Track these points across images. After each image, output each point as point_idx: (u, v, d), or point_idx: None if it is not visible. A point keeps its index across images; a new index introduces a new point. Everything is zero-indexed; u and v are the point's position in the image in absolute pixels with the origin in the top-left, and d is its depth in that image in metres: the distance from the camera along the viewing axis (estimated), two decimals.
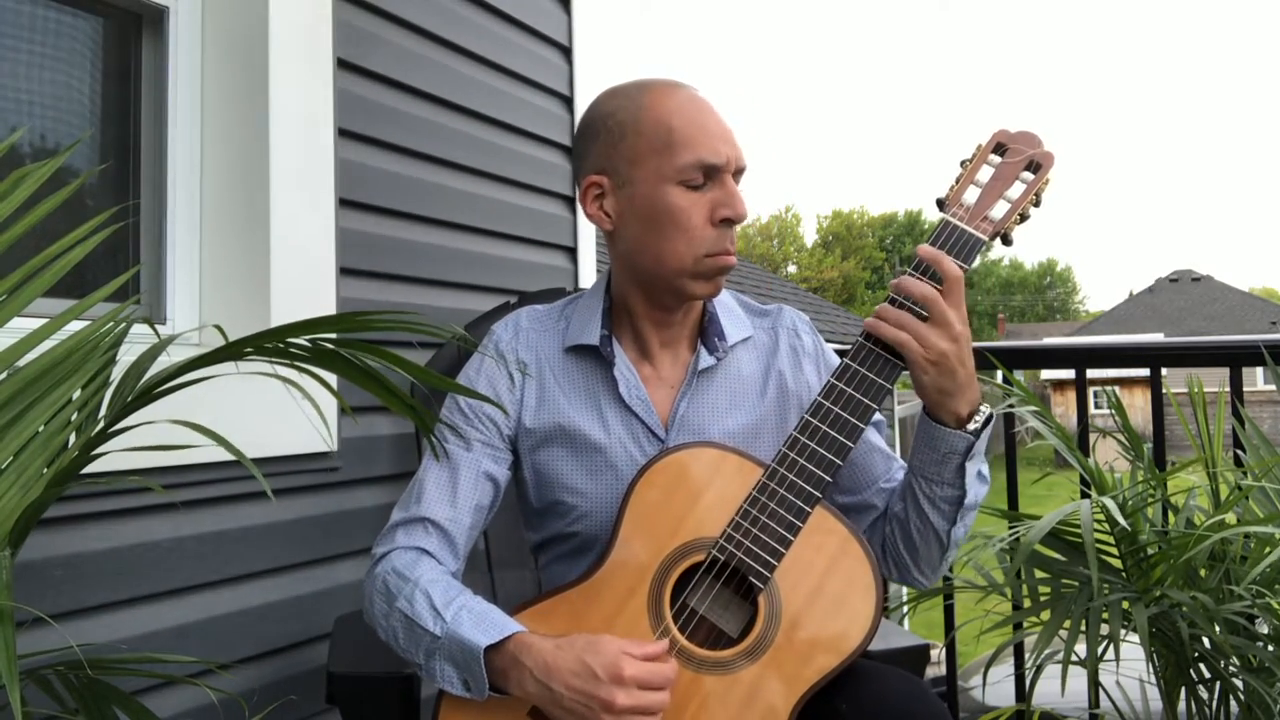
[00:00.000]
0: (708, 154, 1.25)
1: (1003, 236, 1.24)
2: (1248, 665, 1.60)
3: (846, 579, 1.18)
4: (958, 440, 1.22)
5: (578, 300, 1.42)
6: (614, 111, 1.30)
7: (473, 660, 1.12)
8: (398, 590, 1.21)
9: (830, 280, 58.63)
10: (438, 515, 1.28)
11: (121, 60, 1.79)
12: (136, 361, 1.07)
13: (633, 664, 1.09)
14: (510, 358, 1.36)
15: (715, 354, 1.35)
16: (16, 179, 1.09)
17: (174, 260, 1.77)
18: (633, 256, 1.32)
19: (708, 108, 1.29)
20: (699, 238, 1.26)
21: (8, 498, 0.95)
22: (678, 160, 1.25)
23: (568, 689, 1.09)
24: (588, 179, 1.32)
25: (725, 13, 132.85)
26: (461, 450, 1.32)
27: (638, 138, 1.27)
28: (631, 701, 1.07)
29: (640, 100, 1.29)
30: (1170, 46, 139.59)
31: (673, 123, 1.26)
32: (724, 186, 1.27)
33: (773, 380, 1.37)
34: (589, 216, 1.33)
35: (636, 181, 1.28)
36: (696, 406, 1.33)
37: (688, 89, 1.31)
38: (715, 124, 1.28)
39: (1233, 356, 2.12)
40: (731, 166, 1.27)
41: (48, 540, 1.40)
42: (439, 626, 1.16)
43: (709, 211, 1.26)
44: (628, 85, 1.33)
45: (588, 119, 1.34)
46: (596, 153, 1.31)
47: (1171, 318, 34.21)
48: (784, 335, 1.41)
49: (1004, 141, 1.28)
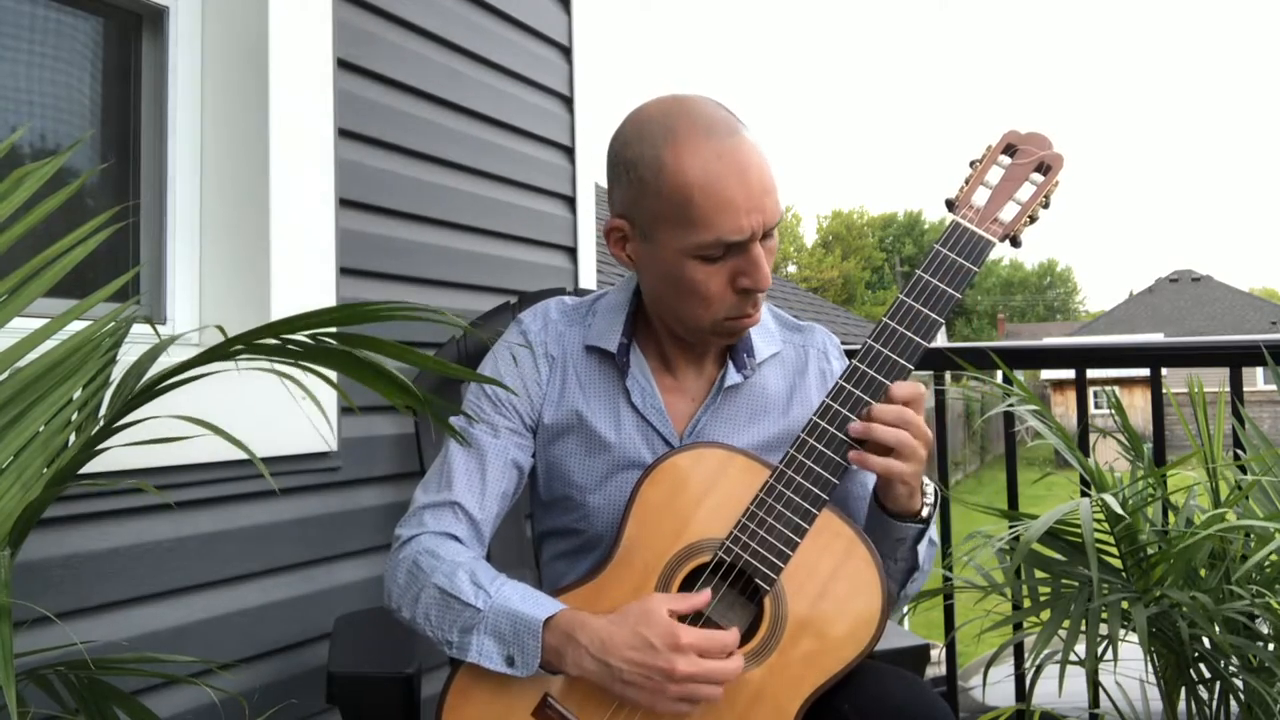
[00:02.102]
0: (729, 233, 1.17)
1: (1012, 239, 1.24)
2: (1248, 665, 1.59)
3: (852, 581, 1.18)
4: (911, 529, 1.23)
5: (606, 297, 1.39)
6: (635, 162, 1.21)
7: (526, 633, 1.12)
8: (432, 568, 1.20)
9: (830, 280, 58.64)
10: (467, 502, 1.27)
11: (121, 60, 1.79)
12: (137, 362, 1.07)
13: (689, 631, 1.09)
14: (539, 349, 1.35)
15: (743, 371, 1.32)
16: (16, 179, 1.09)
17: (174, 260, 1.77)
18: (654, 303, 1.31)
19: (737, 167, 1.17)
20: (718, 304, 1.23)
21: (8, 498, 0.95)
22: (695, 238, 1.18)
23: (627, 663, 1.08)
24: (612, 220, 1.27)
25: (725, 12, 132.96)
26: (489, 437, 1.30)
27: (657, 200, 1.19)
28: (692, 668, 1.07)
29: (662, 156, 1.18)
30: (1170, 46, 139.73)
31: (692, 195, 1.16)
32: (747, 255, 1.19)
33: (797, 399, 1.35)
34: (613, 254, 1.30)
35: (656, 242, 1.22)
36: (716, 420, 1.31)
37: (717, 140, 1.18)
38: (740, 191, 1.16)
39: (1233, 356, 2.12)
40: (758, 235, 1.19)
41: (48, 540, 1.40)
42: (482, 600, 1.15)
43: (729, 278, 1.21)
44: (654, 125, 1.20)
45: (613, 157, 1.26)
46: (619, 198, 1.25)
47: (1171, 318, 34.21)
48: (814, 357, 1.39)
49: (1014, 143, 1.27)
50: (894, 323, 1.20)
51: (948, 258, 1.22)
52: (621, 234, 1.27)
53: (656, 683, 1.08)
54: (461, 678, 1.18)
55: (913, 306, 1.20)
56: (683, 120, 1.19)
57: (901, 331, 1.20)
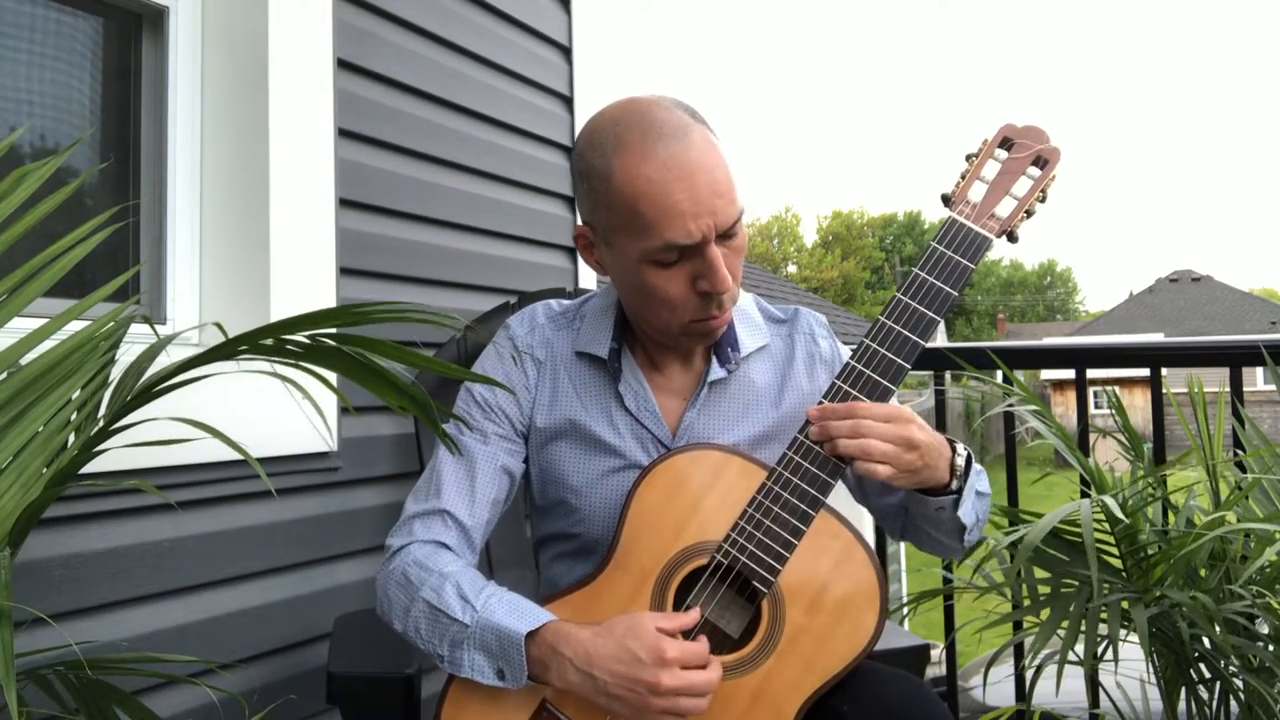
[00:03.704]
0: (677, 236, 1.15)
1: (1009, 234, 1.23)
2: (1248, 665, 1.59)
3: (851, 584, 1.17)
4: (946, 499, 1.21)
5: (593, 300, 1.39)
6: (588, 172, 1.21)
7: (512, 648, 1.12)
8: (421, 581, 1.20)
9: (830, 280, 58.62)
10: (456, 509, 1.27)
11: (121, 60, 1.79)
12: (136, 361, 1.07)
13: (675, 645, 1.09)
14: (526, 354, 1.35)
15: (727, 365, 1.32)
16: (16, 179, 1.09)
17: (174, 260, 1.77)
18: (627, 307, 1.31)
19: (683, 171, 1.15)
20: (681, 308, 1.22)
21: (8, 498, 0.95)
22: (645, 244, 1.17)
23: (611, 675, 1.08)
24: (579, 227, 1.28)
25: (725, 12, 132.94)
26: (479, 444, 1.30)
27: (609, 210, 1.19)
28: (677, 682, 1.07)
29: (610, 165, 1.17)
30: (1170, 46, 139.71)
31: (638, 205, 1.15)
32: (703, 258, 1.18)
33: (789, 390, 1.34)
34: (584, 260, 1.31)
35: (616, 249, 1.22)
36: (706, 417, 1.31)
37: (664, 145, 1.16)
38: (686, 196, 1.14)
39: (1233, 356, 2.12)
40: (711, 236, 1.17)
41: (48, 540, 1.40)
42: (469, 615, 1.15)
43: (689, 282, 1.20)
44: (604, 134, 1.20)
45: (573, 165, 1.27)
46: (580, 205, 1.26)
47: (1171, 318, 34.20)
48: (801, 342, 1.38)
49: (1010, 136, 1.26)
50: (891, 322, 1.20)
51: (945, 255, 1.21)
52: (587, 240, 1.28)
53: (640, 696, 1.08)
54: (460, 681, 1.18)
55: (910, 305, 1.19)
56: (632, 128, 1.18)
57: (899, 331, 1.19)
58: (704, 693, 1.09)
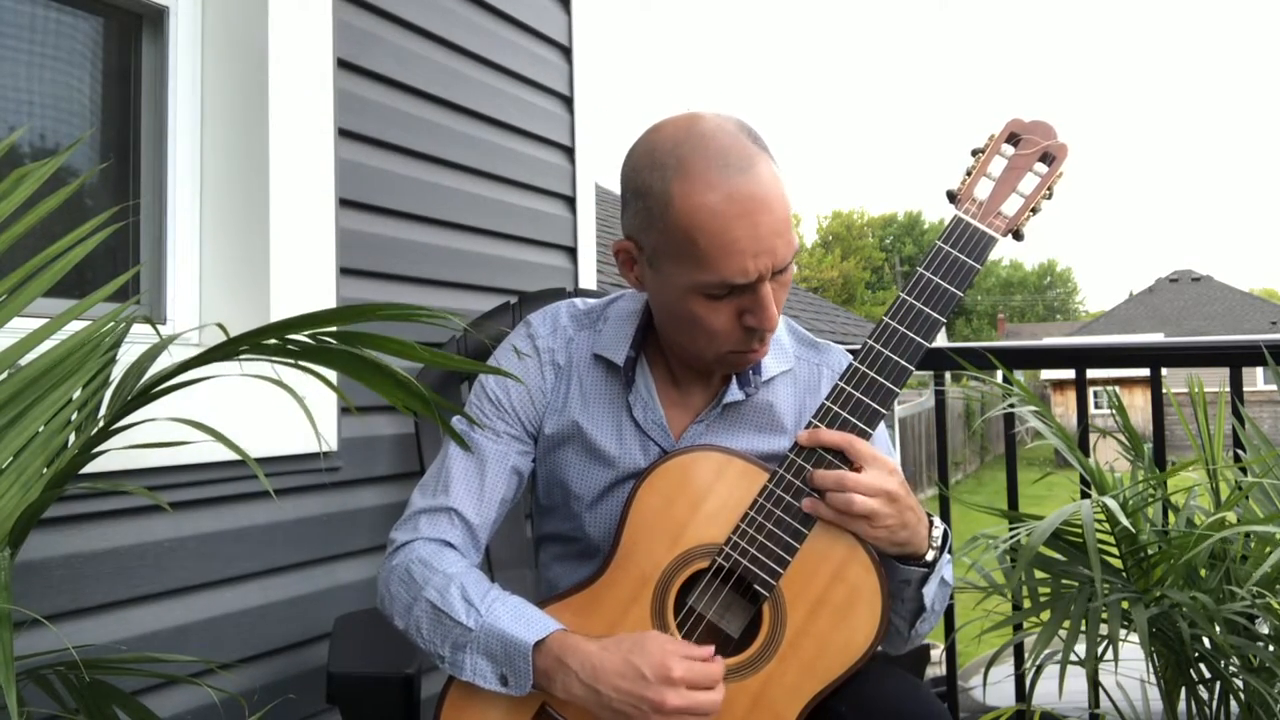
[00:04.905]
0: (733, 275, 1.12)
1: (1015, 233, 1.21)
2: (1248, 665, 1.59)
3: (852, 586, 1.16)
4: (914, 572, 1.19)
5: (620, 302, 1.36)
6: (644, 191, 1.16)
7: (517, 656, 1.11)
8: (424, 580, 1.18)
9: (830, 280, 58.60)
10: (464, 507, 1.25)
11: (121, 60, 1.79)
12: (136, 361, 1.07)
13: (681, 663, 1.08)
14: (545, 357, 1.32)
15: (745, 389, 1.28)
16: (16, 179, 1.09)
17: (174, 260, 1.77)
18: (660, 326, 1.29)
19: (747, 209, 1.11)
20: (722, 339, 1.19)
21: (8, 498, 0.95)
22: (697, 276, 1.14)
23: (616, 691, 1.08)
24: (622, 241, 1.23)
25: (725, 12, 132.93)
26: (490, 442, 1.28)
27: (663, 235, 1.15)
28: (682, 702, 1.06)
29: (670, 190, 1.13)
30: (1170, 46, 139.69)
31: (696, 237, 1.11)
32: (754, 295, 1.15)
33: (806, 416, 1.28)
34: (621, 274, 1.27)
35: (661, 272, 1.18)
36: (713, 435, 1.28)
37: (728, 177, 1.11)
38: (748, 234, 1.11)
39: (1233, 356, 2.12)
40: (767, 275, 1.14)
41: (48, 540, 1.39)
42: (473, 619, 1.14)
43: (735, 315, 1.17)
44: (666, 154, 1.15)
45: (624, 179, 1.21)
46: (629, 221, 1.21)
47: (1171, 318, 34.18)
48: (828, 377, 1.34)
49: (1018, 131, 1.24)
50: (895, 322, 1.18)
51: (950, 255, 1.19)
52: (629, 256, 1.23)
53: (644, 714, 1.07)
54: (460, 681, 1.17)
55: (914, 305, 1.18)
56: (695, 152, 1.13)
57: (903, 331, 1.18)
58: (708, 713, 1.08)
